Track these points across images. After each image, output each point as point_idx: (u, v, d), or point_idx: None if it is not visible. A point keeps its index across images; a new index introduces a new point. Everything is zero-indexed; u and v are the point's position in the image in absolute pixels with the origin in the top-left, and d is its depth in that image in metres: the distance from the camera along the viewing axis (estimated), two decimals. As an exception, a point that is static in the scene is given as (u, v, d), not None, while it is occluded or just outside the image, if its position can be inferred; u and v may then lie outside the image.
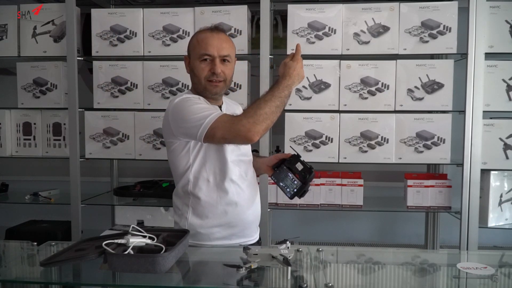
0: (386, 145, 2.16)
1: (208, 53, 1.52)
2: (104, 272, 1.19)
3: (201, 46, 1.53)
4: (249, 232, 1.62)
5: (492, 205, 2.17)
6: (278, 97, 1.44)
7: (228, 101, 1.72)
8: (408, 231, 2.77)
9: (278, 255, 1.18)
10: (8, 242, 1.92)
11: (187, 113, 1.45)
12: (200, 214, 1.54)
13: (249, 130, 1.38)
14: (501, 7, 2.10)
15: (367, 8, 2.14)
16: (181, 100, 1.50)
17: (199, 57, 1.53)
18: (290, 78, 1.50)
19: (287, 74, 1.50)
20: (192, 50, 1.57)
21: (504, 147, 2.14)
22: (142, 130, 2.27)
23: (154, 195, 2.37)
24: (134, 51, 2.25)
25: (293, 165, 1.57)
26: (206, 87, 1.54)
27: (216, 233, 1.55)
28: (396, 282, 1.32)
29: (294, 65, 1.53)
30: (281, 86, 1.48)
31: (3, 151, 2.37)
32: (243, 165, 1.60)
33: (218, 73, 1.52)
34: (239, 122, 1.39)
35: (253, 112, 1.40)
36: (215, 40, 1.53)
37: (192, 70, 1.57)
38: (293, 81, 1.51)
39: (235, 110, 1.69)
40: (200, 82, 1.54)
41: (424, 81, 2.13)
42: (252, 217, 1.63)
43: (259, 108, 1.41)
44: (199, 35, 1.56)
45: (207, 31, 1.56)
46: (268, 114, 1.41)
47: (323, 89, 2.18)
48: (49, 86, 2.32)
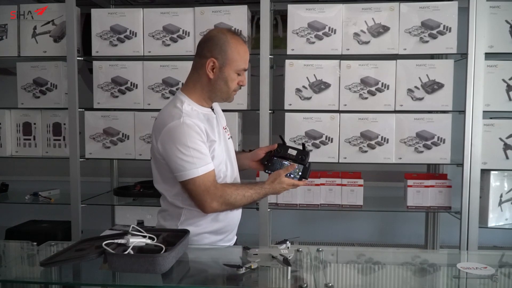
0: (386, 145, 2.16)
1: (246, 69, 1.54)
2: (104, 272, 1.19)
3: (242, 60, 1.52)
4: (232, 236, 1.64)
5: (492, 205, 2.17)
6: (256, 198, 1.53)
7: (217, 106, 1.67)
8: (408, 231, 2.77)
9: (278, 255, 1.18)
10: (8, 242, 1.92)
11: (183, 144, 1.40)
12: (192, 222, 1.51)
13: (211, 208, 1.45)
14: (501, 7, 2.10)
15: (367, 8, 2.14)
16: (180, 127, 1.41)
17: (239, 71, 1.52)
18: (274, 192, 1.56)
19: (275, 188, 1.54)
20: (231, 60, 1.49)
21: (504, 147, 2.14)
22: (142, 130, 2.27)
23: (154, 195, 2.37)
24: (134, 51, 2.25)
25: (285, 152, 1.60)
26: (230, 96, 1.56)
27: (204, 239, 1.53)
28: (396, 282, 1.32)
29: (282, 188, 1.56)
30: (264, 192, 1.53)
31: (3, 151, 2.37)
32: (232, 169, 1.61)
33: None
34: (212, 194, 1.43)
35: (232, 199, 1.46)
36: (248, 54, 1.55)
37: (223, 79, 1.50)
38: (276, 193, 1.59)
39: (219, 110, 1.67)
40: (227, 92, 1.53)
41: (424, 81, 2.13)
42: (237, 223, 1.65)
43: (236, 200, 1.47)
44: (239, 47, 1.51)
45: (243, 43, 1.54)
46: (236, 206, 1.51)
47: (323, 89, 2.18)
48: (49, 86, 2.32)
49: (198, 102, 1.53)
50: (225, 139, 1.59)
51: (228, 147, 1.60)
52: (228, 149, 1.59)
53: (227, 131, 1.65)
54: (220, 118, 1.64)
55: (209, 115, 1.55)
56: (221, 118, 1.65)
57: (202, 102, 1.54)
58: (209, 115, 1.55)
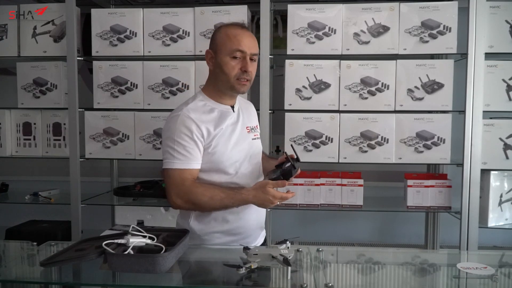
0: (386, 145, 2.16)
1: (241, 49, 1.46)
2: (104, 272, 1.19)
3: (233, 42, 1.46)
4: (251, 240, 1.59)
5: (492, 205, 2.17)
6: (228, 203, 1.44)
7: (241, 100, 1.66)
8: (408, 231, 2.77)
9: (278, 255, 1.18)
10: (8, 242, 1.92)
11: (170, 137, 1.45)
12: (202, 219, 1.52)
13: (175, 203, 1.45)
14: (501, 7, 2.10)
15: (367, 8, 2.14)
16: (175, 119, 1.46)
17: (230, 53, 1.46)
18: (258, 201, 1.44)
19: (258, 196, 1.43)
20: (221, 45, 1.48)
21: (504, 147, 2.14)
22: (142, 130, 2.27)
23: (154, 195, 2.37)
24: (134, 51, 2.25)
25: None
26: (234, 85, 1.48)
27: (216, 239, 1.54)
28: (396, 282, 1.32)
29: (267, 199, 1.43)
30: (240, 198, 1.44)
31: (3, 151, 2.37)
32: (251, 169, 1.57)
33: (250, 71, 1.48)
34: (178, 191, 1.43)
35: (197, 200, 1.42)
36: (247, 37, 1.49)
37: (219, 66, 1.49)
38: (261, 204, 1.46)
39: (250, 111, 1.66)
40: (228, 80, 1.48)
41: (424, 81, 2.13)
42: (255, 225, 1.60)
43: (202, 202, 1.43)
44: (229, 30, 1.49)
45: (237, 27, 1.49)
46: (204, 207, 1.45)
47: (323, 89, 2.17)
48: (49, 86, 2.32)
49: (213, 98, 1.54)
50: (244, 139, 1.56)
51: (249, 147, 1.56)
52: (248, 148, 1.56)
53: (254, 132, 1.62)
54: (245, 118, 1.60)
55: (225, 112, 1.53)
56: (246, 118, 1.60)
57: (217, 98, 1.54)
58: (225, 112, 1.53)
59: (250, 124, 1.62)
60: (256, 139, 1.63)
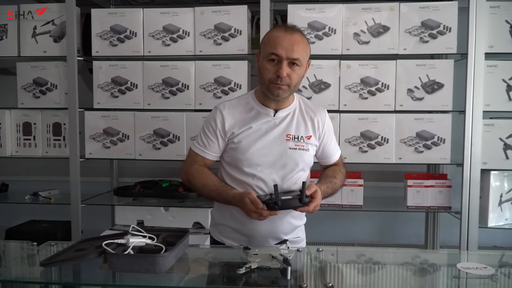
0: (386, 145, 2.16)
1: (275, 53, 1.41)
2: (104, 272, 1.19)
3: (270, 44, 1.43)
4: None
5: (492, 205, 2.17)
6: (216, 197, 1.52)
7: (307, 107, 1.58)
8: (408, 231, 2.77)
9: (278, 255, 1.18)
10: (8, 242, 1.92)
11: (204, 123, 1.60)
12: (221, 210, 1.59)
13: (181, 174, 1.61)
14: (501, 7, 2.10)
15: (367, 8, 2.14)
16: (213, 109, 1.58)
17: (267, 56, 1.43)
18: (238, 206, 1.43)
19: (237, 204, 1.43)
20: (262, 46, 1.48)
21: (504, 147, 2.14)
22: (142, 130, 2.27)
23: (154, 195, 2.37)
24: (134, 51, 2.25)
25: None
26: (268, 88, 1.46)
27: (228, 232, 1.56)
28: (396, 282, 1.32)
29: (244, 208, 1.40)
30: (225, 198, 1.47)
31: (3, 151, 2.37)
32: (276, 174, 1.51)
33: (283, 77, 1.42)
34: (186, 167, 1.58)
35: (193, 182, 1.55)
36: (287, 40, 1.41)
37: (259, 68, 1.49)
38: (242, 209, 1.43)
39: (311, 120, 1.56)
40: (263, 83, 1.47)
41: (424, 81, 2.13)
42: (266, 233, 1.52)
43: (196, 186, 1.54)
44: (272, 33, 1.47)
45: (281, 29, 1.46)
46: (197, 190, 1.57)
47: (323, 89, 2.17)
48: (49, 86, 2.32)
49: (258, 99, 1.54)
50: (278, 145, 1.49)
51: (280, 155, 1.49)
52: (278, 156, 1.49)
53: (296, 142, 1.51)
54: (290, 126, 1.52)
55: (262, 114, 1.51)
56: (292, 126, 1.52)
57: (261, 99, 1.53)
58: (262, 114, 1.51)
59: (296, 133, 1.52)
60: (298, 150, 1.51)
